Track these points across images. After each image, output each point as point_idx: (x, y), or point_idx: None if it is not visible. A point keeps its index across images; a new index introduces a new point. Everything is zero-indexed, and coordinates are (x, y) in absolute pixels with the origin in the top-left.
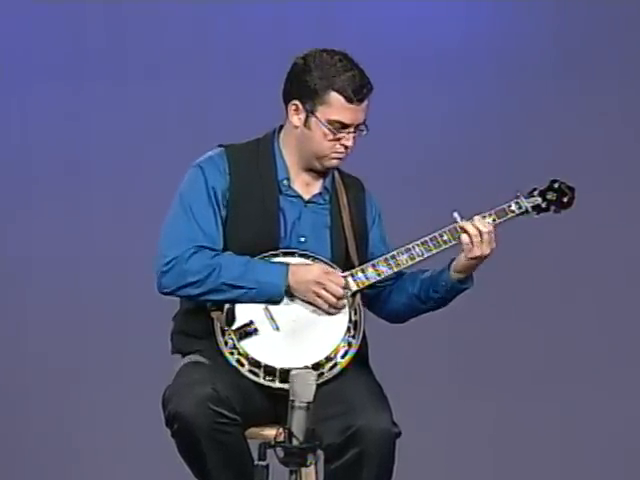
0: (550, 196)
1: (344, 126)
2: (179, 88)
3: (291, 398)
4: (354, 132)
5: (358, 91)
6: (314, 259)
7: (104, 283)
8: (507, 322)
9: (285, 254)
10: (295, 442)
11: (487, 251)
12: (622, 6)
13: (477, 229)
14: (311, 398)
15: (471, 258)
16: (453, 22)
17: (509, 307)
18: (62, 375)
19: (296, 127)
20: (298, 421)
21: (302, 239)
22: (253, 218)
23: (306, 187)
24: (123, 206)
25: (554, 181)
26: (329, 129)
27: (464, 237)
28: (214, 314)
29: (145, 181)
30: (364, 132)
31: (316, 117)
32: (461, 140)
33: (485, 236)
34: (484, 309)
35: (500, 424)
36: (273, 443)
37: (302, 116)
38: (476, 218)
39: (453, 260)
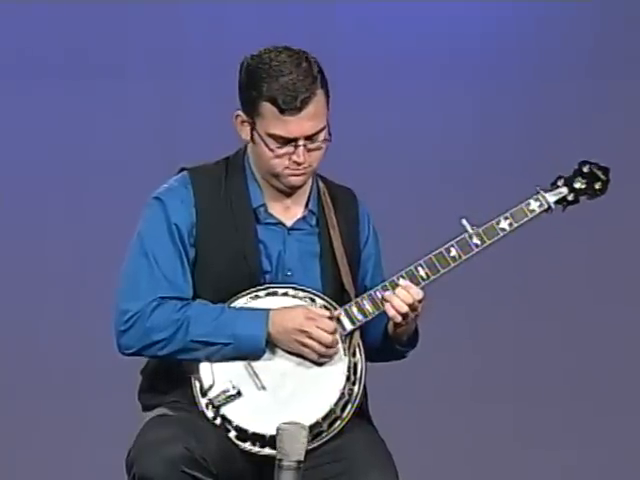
0: (579, 184)
1: (287, 140)
2: (153, 90)
3: (278, 457)
4: (304, 145)
5: (290, 100)
6: (309, 294)
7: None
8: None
9: (269, 294)
10: None
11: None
12: None
13: (405, 304)
14: (302, 457)
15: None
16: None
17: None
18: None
19: (246, 141)
20: None
21: (289, 273)
22: (228, 255)
23: (286, 211)
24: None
25: (583, 163)
26: (270, 145)
27: (388, 309)
28: (192, 376)
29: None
30: (319, 142)
31: (257, 131)
32: (470, 142)
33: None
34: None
35: None
36: None
37: (248, 129)
38: (403, 285)
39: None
